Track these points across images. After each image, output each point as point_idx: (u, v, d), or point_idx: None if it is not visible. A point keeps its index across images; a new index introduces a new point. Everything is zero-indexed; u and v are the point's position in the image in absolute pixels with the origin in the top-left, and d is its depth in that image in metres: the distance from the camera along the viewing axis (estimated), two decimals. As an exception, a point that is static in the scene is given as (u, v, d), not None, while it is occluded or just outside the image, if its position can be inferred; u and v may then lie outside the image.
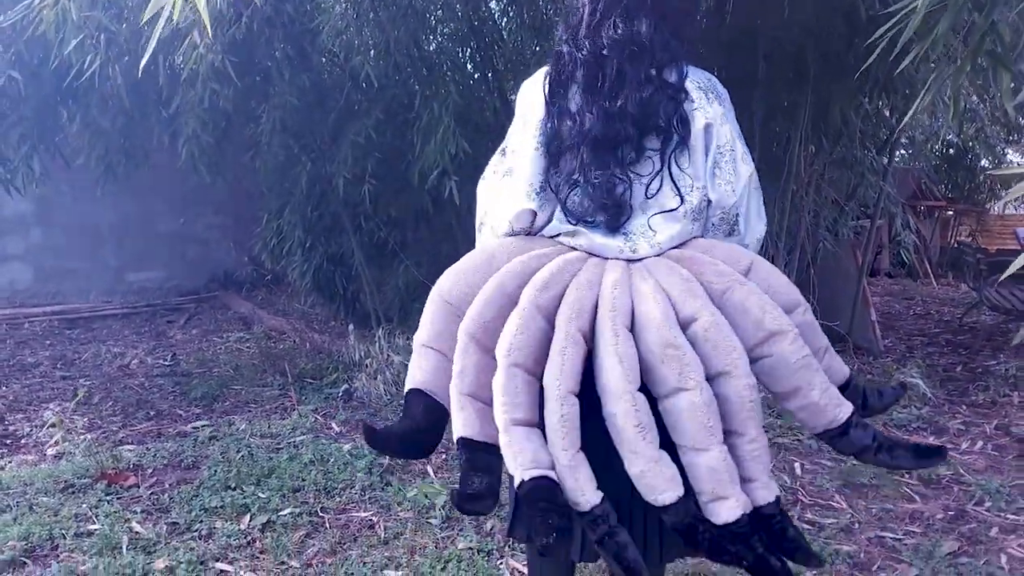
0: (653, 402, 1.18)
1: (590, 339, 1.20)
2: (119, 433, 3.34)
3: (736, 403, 1.14)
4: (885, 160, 4.74)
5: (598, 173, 1.31)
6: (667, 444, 1.17)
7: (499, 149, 1.50)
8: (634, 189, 1.33)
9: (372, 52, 3.87)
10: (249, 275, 7.25)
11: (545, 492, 1.13)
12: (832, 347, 1.33)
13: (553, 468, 1.15)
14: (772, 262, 4.35)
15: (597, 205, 1.32)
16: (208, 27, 1.41)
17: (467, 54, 4.47)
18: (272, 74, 3.94)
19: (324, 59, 4.10)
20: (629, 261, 1.32)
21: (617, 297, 1.21)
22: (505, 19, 4.57)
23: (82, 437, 3.26)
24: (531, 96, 1.42)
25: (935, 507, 2.55)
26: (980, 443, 3.17)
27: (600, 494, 1.14)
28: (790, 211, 4.20)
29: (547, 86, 1.38)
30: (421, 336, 1.32)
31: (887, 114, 4.54)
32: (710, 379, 1.16)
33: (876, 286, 7.64)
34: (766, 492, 1.16)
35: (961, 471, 2.83)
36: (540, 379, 1.18)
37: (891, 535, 2.35)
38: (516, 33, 4.54)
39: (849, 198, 4.70)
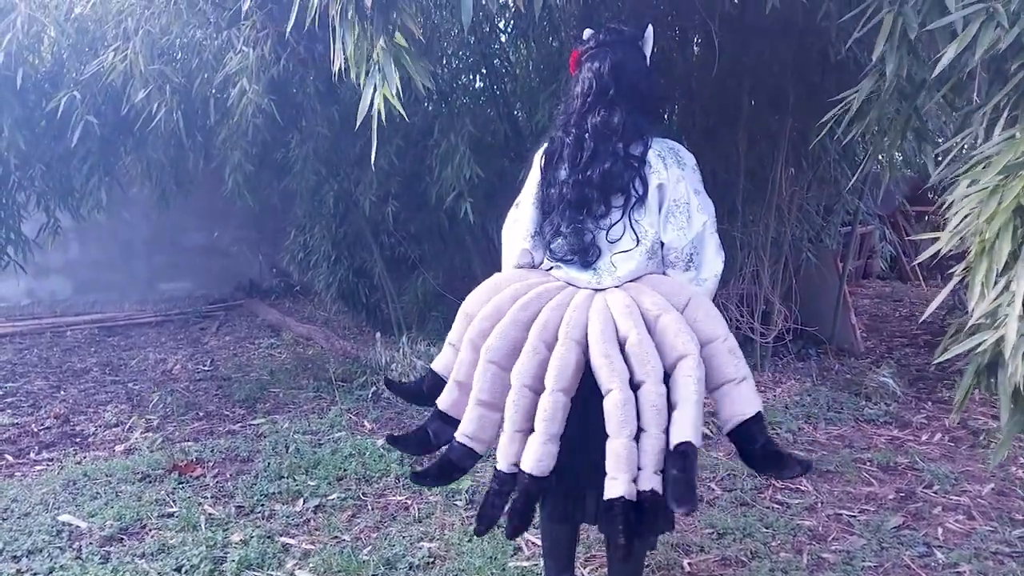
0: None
1: (553, 348, 1.65)
2: (175, 432, 3.77)
3: (644, 405, 1.55)
4: (861, 181, 5.13)
5: (572, 226, 1.79)
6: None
7: (515, 203, 1.99)
8: (602, 236, 1.79)
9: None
10: (275, 285, 7.71)
11: (460, 453, 1.69)
12: (751, 379, 1.63)
13: (485, 441, 1.68)
14: (758, 274, 4.77)
15: (571, 248, 1.80)
16: (403, 112, 1.86)
17: (479, 84, 4.90)
18: (305, 108, 4.38)
19: (351, 93, 4.52)
20: (596, 290, 1.77)
21: (575, 317, 1.67)
22: (513, 51, 4.99)
23: (144, 436, 3.69)
24: (536, 164, 1.91)
25: (889, 490, 2.97)
26: (939, 435, 3.57)
27: (514, 468, 1.61)
28: (775, 226, 4.61)
29: (542, 161, 1.88)
30: (449, 336, 1.86)
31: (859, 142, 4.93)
32: (634, 385, 1.56)
33: (868, 288, 8.01)
34: (647, 482, 1.52)
35: (917, 459, 3.23)
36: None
37: (847, 512, 2.76)
38: (524, 63, 4.96)
39: (827, 214, 5.10)
